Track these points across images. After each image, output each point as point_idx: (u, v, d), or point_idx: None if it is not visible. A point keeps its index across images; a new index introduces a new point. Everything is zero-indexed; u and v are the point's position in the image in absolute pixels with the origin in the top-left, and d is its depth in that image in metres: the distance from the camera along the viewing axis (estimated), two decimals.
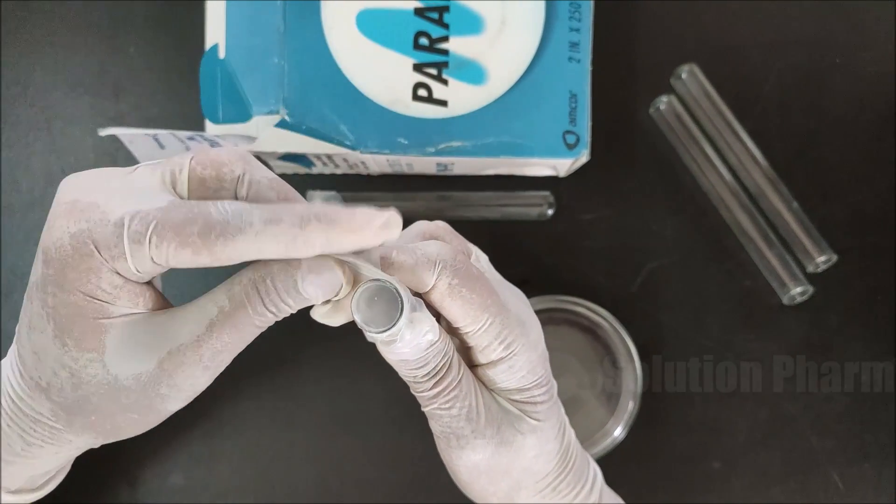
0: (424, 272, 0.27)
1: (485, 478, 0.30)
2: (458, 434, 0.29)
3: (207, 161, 0.26)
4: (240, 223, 0.24)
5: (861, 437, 0.45)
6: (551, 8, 0.40)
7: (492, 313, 0.28)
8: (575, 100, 0.40)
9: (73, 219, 0.25)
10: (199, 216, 0.24)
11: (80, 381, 0.26)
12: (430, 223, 0.32)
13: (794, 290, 0.44)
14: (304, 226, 0.24)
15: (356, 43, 0.39)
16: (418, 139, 0.39)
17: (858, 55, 0.47)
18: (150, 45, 0.46)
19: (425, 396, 0.29)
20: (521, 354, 0.29)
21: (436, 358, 0.27)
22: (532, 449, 0.30)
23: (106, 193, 0.25)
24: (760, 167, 0.45)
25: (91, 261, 0.25)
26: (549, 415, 0.30)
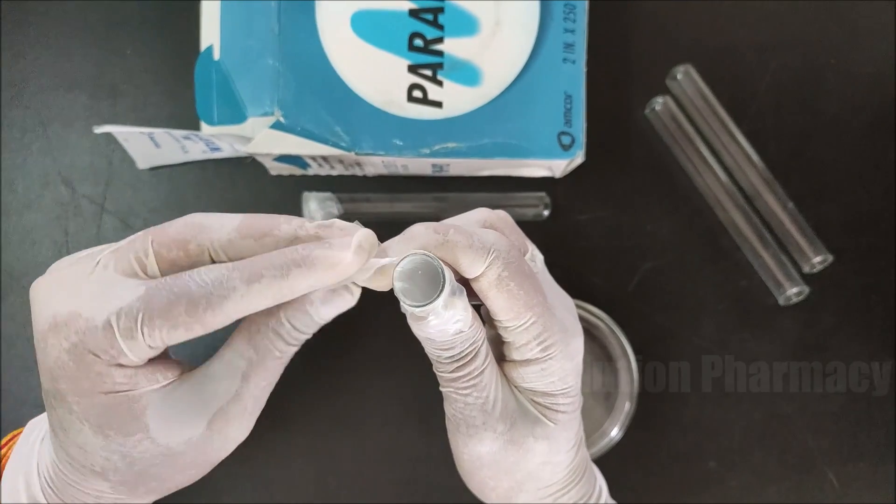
0: (477, 257, 0.27)
1: (487, 471, 0.30)
2: (469, 422, 0.29)
3: (170, 243, 0.26)
4: (223, 291, 0.25)
5: (856, 437, 0.45)
6: (546, 9, 0.40)
7: (536, 313, 0.28)
8: (570, 101, 0.40)
9: (61, 335, 0.25)
10: (182, 295, 0.25)
11: (134, 460, 0.27)
12: (492, 212, 0.31)
13: (789, 290, 0.44)
14: (286, 275, 0.25)
15: (351, 44, 0.39)
16: (413, 140, 0.39)
17: (853, 56, 0.47)
18: (145, 46, 0.46)
19: (445, 378, 0.28)
20: (556, 360, 0.28)
21: (463, 344, 0.27)
22: (541, 455, 0.30)
23: (81, 297, 0.25)
24: (756, 167, 0.45)
25: (96, 366, 0.25)
26: (566, 426, 0.30)
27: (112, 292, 0.25)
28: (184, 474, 0.28)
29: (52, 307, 0.26)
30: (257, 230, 0.27)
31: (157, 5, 0.46)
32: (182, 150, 0.44)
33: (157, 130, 0.41)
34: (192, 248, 0.26)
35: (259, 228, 0.27)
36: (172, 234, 0.26)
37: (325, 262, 0.25)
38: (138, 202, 0.46)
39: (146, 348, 0.25)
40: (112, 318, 0.25)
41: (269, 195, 0.46)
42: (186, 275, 0.25)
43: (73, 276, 0.26)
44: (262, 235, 0.26)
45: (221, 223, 0.27)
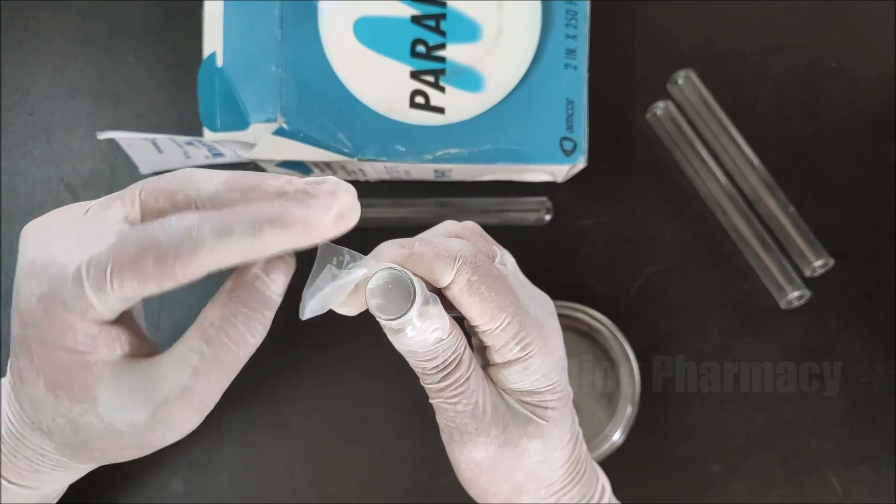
0: (444, 266, 0.27)
1: (486, 476, 0.30)
2: (462, 430, 0.29)
3: (159, 192, 0.26)
4: (191, 243, 0.24)
5: (859, 440, 0.45)
6: (547, 15, 0.40)
7: (509, 313, 0.28)
8: (572, 106, 0.40)
9: (34, 280, 0.25)
10: (150, 246, 0.24)
11: (79, 428, 0.27)
12: (458, 223, 0.32)
13: (791, 294, 0.44)
14: (258, 233, 0.24)
15: (353, 51, 0.39)
16: (416, 146, 0.40)
17: (854, 59, 0.47)
18: (148, 53, 0.46)
19: (432, 389, 0.29)
20: (536, 357, 0.29)
21: (445, 353, 0.28)
22: (537, 454, 0.30)
23: (61, 242, 0.25)
24: (757, 172, 0.45)
25: (64, 318, 0.25)
26: (559, 422, 0.30)
27: (88, 240, 0.25)
28: (125, 451, 0.28)
29: (34, 250, 0.26)
30: (244, 184, 0.26)
31: (159, 12, 0.46)
32: (185, 156, 0.44)
33: (159, 136, 0.41)
34: (179, 198, 0.26)
35: (246, 182, 0.26)
36: (162, 184, 0.26)
37: (302, 223, 0.24)
38: None
39: (115, 301, 0.25)
40: (83, 267, 0.24)
41: None
42: (157, 223, 0.24)
43: (61, 221, 0.26)
44: (249, 189, 0.26)
45: (210, 175, 0.26)
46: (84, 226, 0.26)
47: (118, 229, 0.25)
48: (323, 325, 0.31)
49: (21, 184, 0.46)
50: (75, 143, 0.46)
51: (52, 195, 0.46)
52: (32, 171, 0.46)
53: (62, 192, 0.46)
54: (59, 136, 0.46)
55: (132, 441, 0.27)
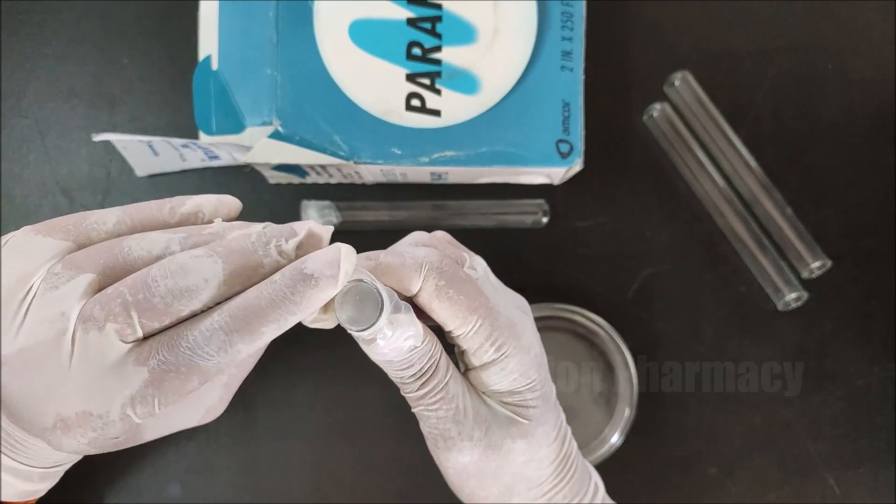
0: (411, 274, 0.28)
1: (474, 480, 0.31)
2: (445, 436, 0.29)
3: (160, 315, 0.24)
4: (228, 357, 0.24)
5: (857, 442, 0.45)
6: (543, 17, 0.40)
7: (480, 315, 0.29)
8: (568, 108, 0.40)
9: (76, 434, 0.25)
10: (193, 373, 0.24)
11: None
12: (426, 234, 0.32)
13: (788, 295, 0.44)
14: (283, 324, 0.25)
15: (349, 53, 0.39)
16: (412, 149, 0.39)
17: (851, 61, 0.47)
18: (143, 56, 0.46)
19: (412, 397, 0.29)
20: (512, 357, 0.29)
21: (421, 360, 0.28)
22: (522, 454, 0.30)
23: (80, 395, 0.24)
24: (754, 173, 0.45)
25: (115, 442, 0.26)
26: (541, 420, 0.30)
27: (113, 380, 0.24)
28: None
29: (52, 407, 0.24)
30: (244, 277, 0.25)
31: (154, 15, 0.46)
32: (180, 159, 0.44)
33: (155, 139, 0.41)
34: (185, 315, 0.25)
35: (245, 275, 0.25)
36: (160, 305, 0.24)
37: (317, 302, 0.25)
38: None
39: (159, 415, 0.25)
40: (128, 408, 0.24)
41: (268, 203, 0.46)
42: (185, 348, 0.24)
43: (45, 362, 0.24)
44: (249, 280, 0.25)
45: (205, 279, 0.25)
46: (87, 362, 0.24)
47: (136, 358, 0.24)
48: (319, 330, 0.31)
49: (17, 187, 0.46)
50: (71, 147, 0.46)
51: (48, 199, 0.46)
52: (28, 175, 0.46)
53: (58, 195, 0.46)
54: (55, 139, 0.46)
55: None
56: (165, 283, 0.24)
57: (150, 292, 0.24)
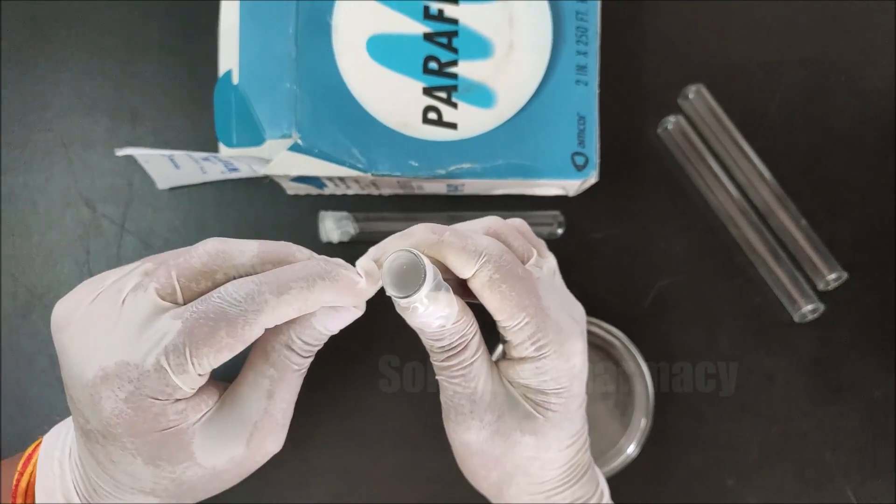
0: (467, 259, 0.29)
1: (476, 459, 0.32)
2: (458, 410, 0.31)
3: (198, 276, 0.27)
4: (255, 306, 0.26)
5: (875, 453, 0.45)
6: (558, 32, 0.40)
7: (529, 314, 0.29)
8: (583, 122, 0.40)
9: (115, 386, 0.26)
10: (220, 319, 0.26)
11: (183, 482, 0.28)
12: (503, 220, 0.33)
13: (804, 307, 0.44)
14: (312, 287, 0.27)
15: (367, 68, 0.40)
16: (429, 162, 0.40)
17: (862, 73, 0.47)
18: (165, 70, 0.47)
19: (437, 366, 0.31)
20: (549, 359, 0.30)
21: (451, 336, 0.29)
22: (529, 449, 0.31)
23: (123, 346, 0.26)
24: (768, 185, 0.45)
25: (153, 409, 0.26)
26: (557, 425, 0.31)
27: (151, 332, 0.26)
28: (227, 483, 0.30)
29: (95, 359, 0.26)
30: (275, 256, 0.28)
31: (176, 30, 0.47)
32: (201, 171, 0.44)
33: (176, 152, 0.42)
34: (219, 277, 0.28)
35: (277, 255, 0.28)
36: (198, 265, 0.28)
37: (347, 279, 0.28)
38: (158, 222, 0.46)
39: (197, 377, 0.27)
40: (161, 359, 0.26)
41: (287, 214, 0.46)
42: (216, 296, 0.26)
43: (101, 322, 0.27)
44: (280, 262, 0.28)
45: (241, 249, 0.28)
46: (133, 321, 0.27)
47: (174, 313, 0.26)
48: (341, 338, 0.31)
49: (41, 198, 0.47)
50: (94, 159, 0.47)
51: (71, 209, 0.46)
52: (52, 186, 0.47)
53: (81, 206, 0.46)
54: (78, 151, 0.47)
55: (233, 473, 0.29)
56: (205, 248, 0.28)
57: (190, 255, 0.27)
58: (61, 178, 0.47)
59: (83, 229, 0.46)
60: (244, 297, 0.26)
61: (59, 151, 0.47)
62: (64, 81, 0.47)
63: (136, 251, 0.46)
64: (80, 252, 0.46)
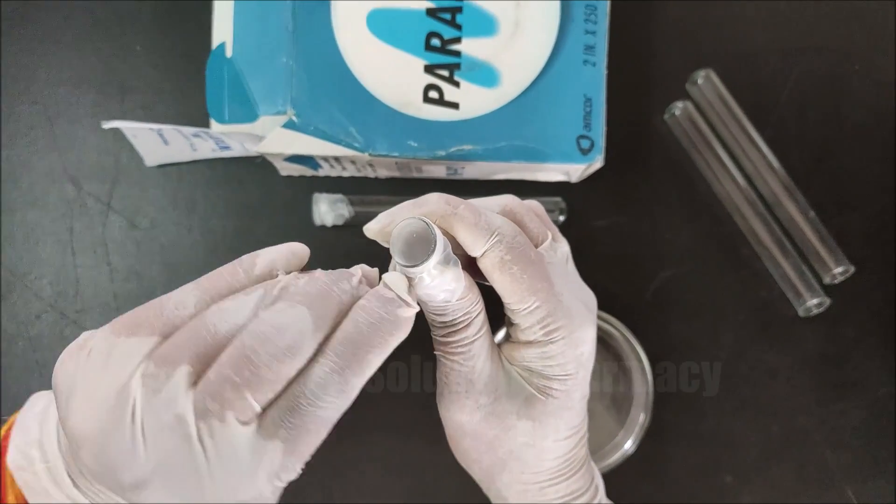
0: (479, 236, 0.28)
1: (468, 441, 0.31)
2: (452, 389, 0.29)
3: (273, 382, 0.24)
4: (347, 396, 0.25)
5: (877, 453, 0.44)
6: (566, 10, 0.39)
7: (540, 298, 0.28)
8: (590, 104, 0.39)
9: None
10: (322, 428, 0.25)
11: None
12: (520, 201, 0.32)
13: (810, 301, 0.43)
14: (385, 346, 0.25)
15: (366, 43, 0.38)
16: (429, 142, 0.39)
17: (877, 62, 0.46)
18: (156, 43, 0.45)
19: (437, 341, 0.29)
20: (557, 345, 0.29)
21: (455, 313, 0.28)
22: (523, 435, 0.30)
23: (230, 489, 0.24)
24: (777, 175, 0.44)
25: None
26: (556, 413, 0.30)
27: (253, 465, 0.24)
28: None
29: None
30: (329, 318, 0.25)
31: (168, 2, 0.45)
32: (191, 148, 0.43)
33: (165, 127, 0.40)
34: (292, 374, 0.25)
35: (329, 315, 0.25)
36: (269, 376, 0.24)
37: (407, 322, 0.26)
38: (145, 201, 0.45)
39: None
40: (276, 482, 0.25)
41: (279, 196, 0.45)
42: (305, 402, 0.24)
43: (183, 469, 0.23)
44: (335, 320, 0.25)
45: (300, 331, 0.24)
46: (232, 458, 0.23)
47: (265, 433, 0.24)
48: None
49: (24, 174, 0.45)
50: (80, 134, 0.45)
51: (55, 186, 0.45)
52: (35, 161, 0.45)
53: (65, 183, 0.45)
54: (64, 125, 0.45)
55: None
56: (265, 351, 0.23)
57: (255, 366, 0.23)
58: (45, 153, 0.45)
59: (67, 207, 0.45)
60: (336, 394, 0.25)
61: (44, 125, 0.45)
62: (51, 53, 0.45)
63: (122, 230, 0.45)
64: (63, 231, 0.45)
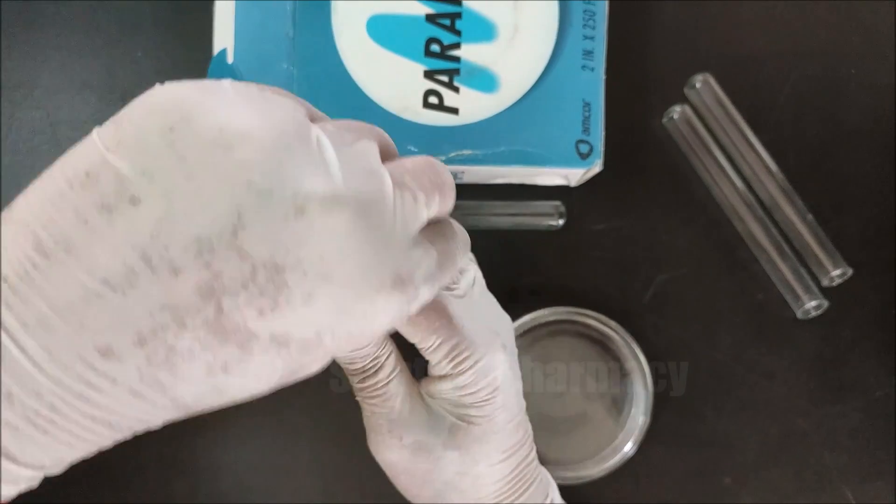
0: None
1: (404, 478, 0.32)
2: (377, 430, 0.31)
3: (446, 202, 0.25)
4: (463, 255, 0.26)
5: (875, 454, 0.45)
6: (565, 15, 0.39)
7: (440, 335, 0.29)
8: (588, 108, 0.39)
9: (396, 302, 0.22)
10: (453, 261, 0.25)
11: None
12: None
13: (808, 303, 0.43)
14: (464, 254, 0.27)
15: (366, 49, 0.39)
16: (429, 147, 0.39)
17: (874, 66, 0.46)
18: (157, 48, 0.45)
19: (354, 387, 0.31)
20: (465, 375, 0.30)
21: (364, 360, 0.30)
22: (454, 465, 0.31)
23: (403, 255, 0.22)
24: (774, 178, 0.44)
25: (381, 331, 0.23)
26: (482, 439, 0.31)
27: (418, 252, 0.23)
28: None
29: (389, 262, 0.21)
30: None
31: (169, 7, 0.46)
32: None
33: None
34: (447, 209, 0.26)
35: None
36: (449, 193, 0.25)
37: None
38: None
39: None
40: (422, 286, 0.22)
41: None
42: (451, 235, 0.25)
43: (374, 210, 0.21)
44: None
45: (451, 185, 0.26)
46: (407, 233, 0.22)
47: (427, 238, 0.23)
48: None
49: (26, 180, 0.45)
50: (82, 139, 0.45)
51: None
52: (38, 167, 0.45)
53: None
54: (66, 131, 0.45)
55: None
56: (447, 174, 0.25)
57: (442, 179, 0.24)
58: (48, 158, 0.45)
59: None
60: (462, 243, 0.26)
61: (46, 131, 0.46)
62: (53, 59, 0.46)
63: None
64: None
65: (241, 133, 0.20)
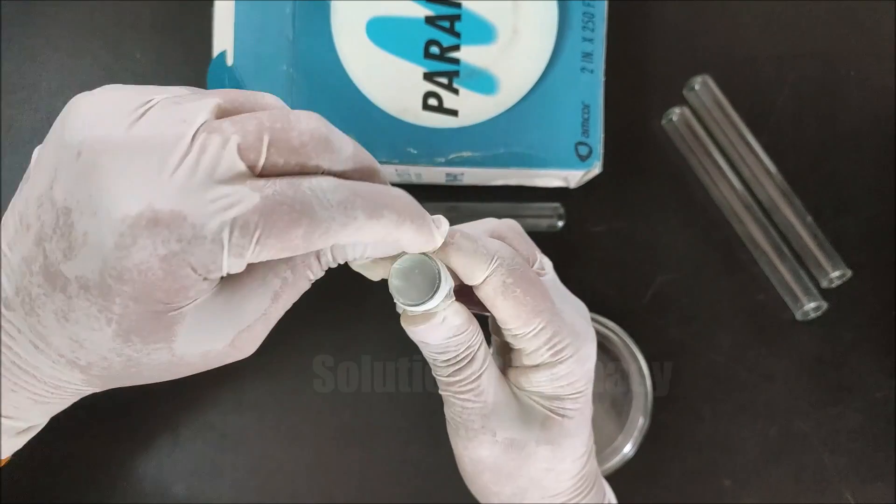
0: (480, 263, 0.27)
1: (489, 475, 0.30)
2: (468, 426, 0.29)
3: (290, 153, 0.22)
4: (344, 219, 0.22)
5: (874, 456, 0.45)
6: (564, 17, 0.39)
7: (545, 318, 0.28)
8: (588, 110, 0.39)
9: (158, 238, 0.21)
10: (304, 217, 0.22)
11: (139, 363, 0.24)
12: (501, 222, 0.31)
13: (807, 305, 0.43)
14: (400, 225, 0.24)
15: (366, 51, 0.39)
16: (428, 149, 0.39)
17: (873, 67, 0.46)
18: (156, 51, 0.45)
19: (442, 381, 0.28)
20: (566, 364, 0.28)
21: (457, 348, 0.27)
22: (544, 461, 0.29)
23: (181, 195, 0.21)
24: (774, 180, 0.44)
25: (185, 280, 0.22)
26: (572, 433, 0.30)
27: (221, 194, 0.21)
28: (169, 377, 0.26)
29: (146, 197, 0.21)
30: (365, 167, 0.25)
31: (169, 9, 0.46)
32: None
33: None
34: (310, 165, 0.23)
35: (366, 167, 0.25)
36: (295, 144, 0.22)
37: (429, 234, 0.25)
38: None
39: (243, 265, 0.22)
40: (225, 230, 0.21)
41: None
42: (307, 187, 0.22)
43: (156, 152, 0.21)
44: (366, 175, 0.25)
45: (340, 145, 0.24)
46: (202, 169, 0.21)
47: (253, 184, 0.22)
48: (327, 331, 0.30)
49: None
50: None
51: None
52: None
53: None
54: None
55: (189, 368, 0.25)
56: (308, 124, 0.23)
57: (289, 128, 0.22)
58: None
59: None
60: (338, 203, 0.22)
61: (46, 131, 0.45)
62: (52, 61, 0.46)
63: None
64: None
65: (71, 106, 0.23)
